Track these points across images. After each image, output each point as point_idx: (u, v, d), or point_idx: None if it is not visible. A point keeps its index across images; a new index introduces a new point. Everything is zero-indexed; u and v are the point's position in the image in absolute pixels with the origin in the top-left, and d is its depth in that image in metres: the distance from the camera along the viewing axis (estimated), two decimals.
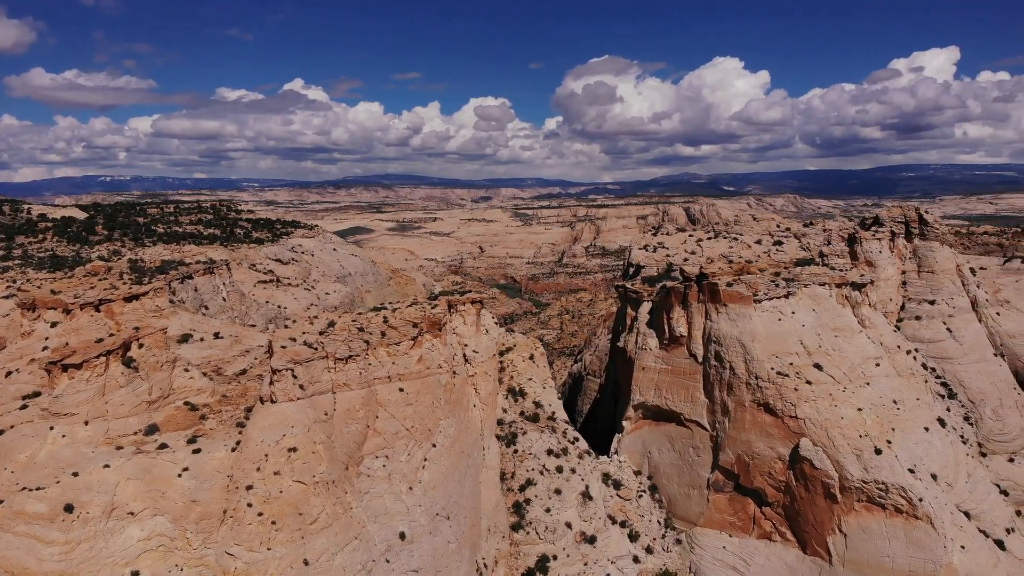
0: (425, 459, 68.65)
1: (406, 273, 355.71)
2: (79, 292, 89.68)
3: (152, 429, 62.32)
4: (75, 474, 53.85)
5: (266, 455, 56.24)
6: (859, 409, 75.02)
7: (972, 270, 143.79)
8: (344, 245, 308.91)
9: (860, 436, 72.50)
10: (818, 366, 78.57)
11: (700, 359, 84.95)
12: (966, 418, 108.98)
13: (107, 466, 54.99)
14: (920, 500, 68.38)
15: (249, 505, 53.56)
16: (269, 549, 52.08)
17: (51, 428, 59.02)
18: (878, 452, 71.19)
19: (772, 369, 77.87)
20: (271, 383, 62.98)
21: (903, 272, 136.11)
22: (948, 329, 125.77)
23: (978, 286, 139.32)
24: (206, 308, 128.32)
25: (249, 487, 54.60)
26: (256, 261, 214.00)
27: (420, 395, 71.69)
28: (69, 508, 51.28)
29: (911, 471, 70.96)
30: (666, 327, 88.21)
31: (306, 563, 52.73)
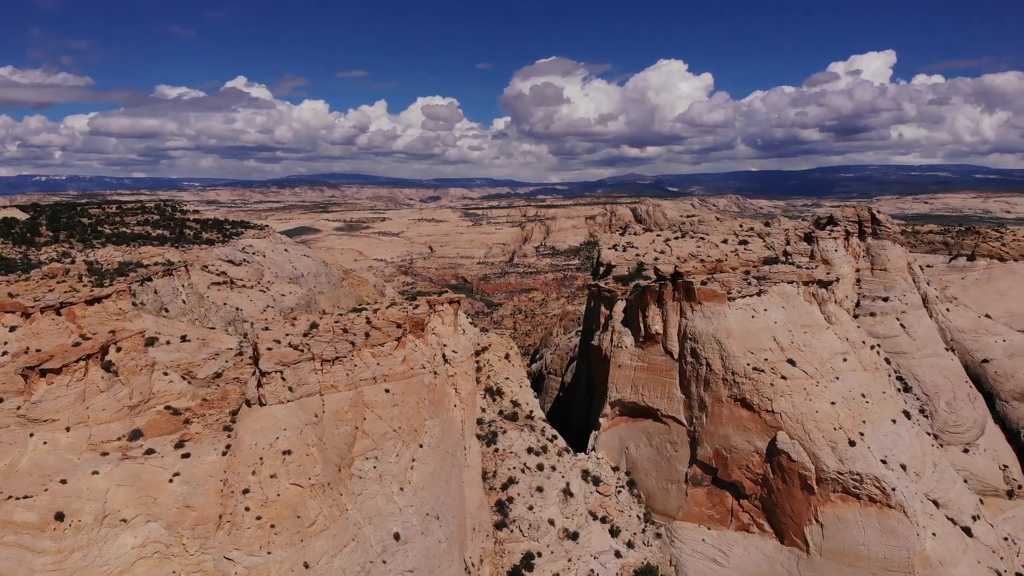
0: (413, 460, 68.49)
1: (357, 274, 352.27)
2: (38, 295, 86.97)
3: (136, 434, 60.85)
4: (63, 481, 52.36)
5: (261, 458, 55.48)
6: (832, 403, 77.41)
7: (921, 267, 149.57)
8: (295, 246, 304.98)
9: (834, 429, 74.83)
10: (791, 362, 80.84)
11: (676, 356, 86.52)
12: (921, 411, 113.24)
13: (96, 473, 53.61)
14: (893, 490, 70.91)
15: (247, 509, 52.78)
16: (269, 553, 51.43)
17: (31, 435, 57.18)
18: (852, 444, 73.60)
19: (748, 365, 79.80)
20: (259, 385, 62.12)
21: (857, 270, 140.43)
22: (902, 325, 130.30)
23: (928, 283, 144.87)
24: (166, 310, 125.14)
25: (245, 491, 53.79)
26: (208, 262, 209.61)
27: (405, 396, 71.47)
28: (60, 516, 49.81)
29: (883, 462, 73.56)
30: (641, 325, 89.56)
31: (307, 566, 52.22)
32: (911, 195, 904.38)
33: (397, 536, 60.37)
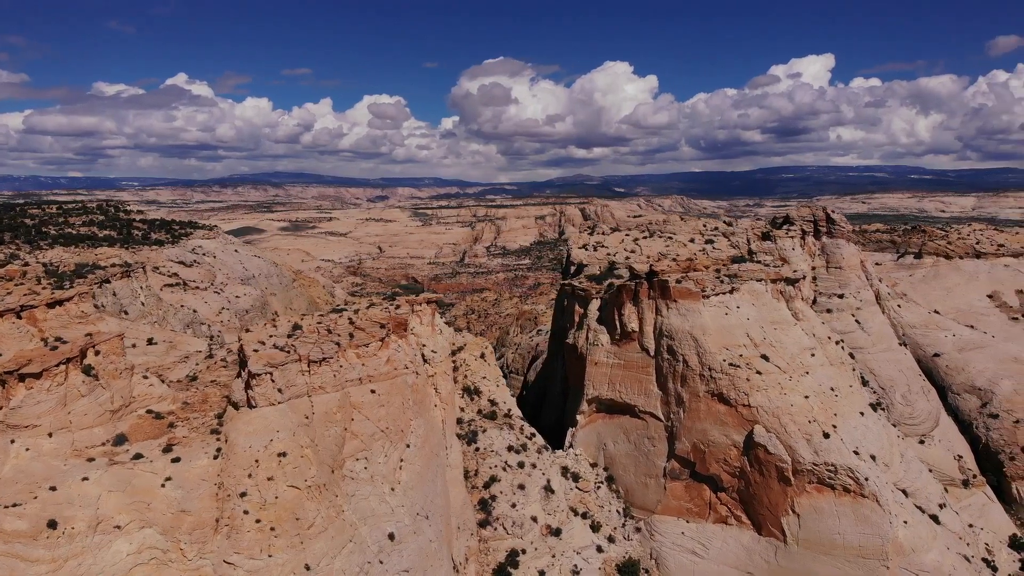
0: (401, 460, 68.27)
1: (307, 275, 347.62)
2: None
3: (121, 439, 59.42)
4: (53, 488, 50.98)
5: (256, 461, 54.75)
6: (806, 397, 79.77)
7: (871, 265, 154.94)
8: (245, 246, 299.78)
9: (809, 422, 77.16)
10: (765, 357, 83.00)
11: (652, 353, 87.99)
12: (878, 404, 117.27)
13: (86, 479, 52.39)
14: (866, 480, 73.46)
15: (245, 512, 52.07)
16: (270, 556, 50.83)
17: (12, 441, 55.39)
18: (826, 436, 75.98)
19: (724, 361, 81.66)
20: (248, 387, 61.25)
21: (813, 268, 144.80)
22: (857, 321, 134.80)
23: (880, 280, 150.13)
24: (125, 313, 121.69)
25: (243, 494, 53.04)
26: (159, 264, 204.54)
27: (391, 396, 71.19)
28: (52, 524, 48.46)
29: (856, 453, 76.11)
30: (617, 323, 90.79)
31: (308, 568, 51.76)
32: (849, 195, 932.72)
33: (392, 536, 60.18)
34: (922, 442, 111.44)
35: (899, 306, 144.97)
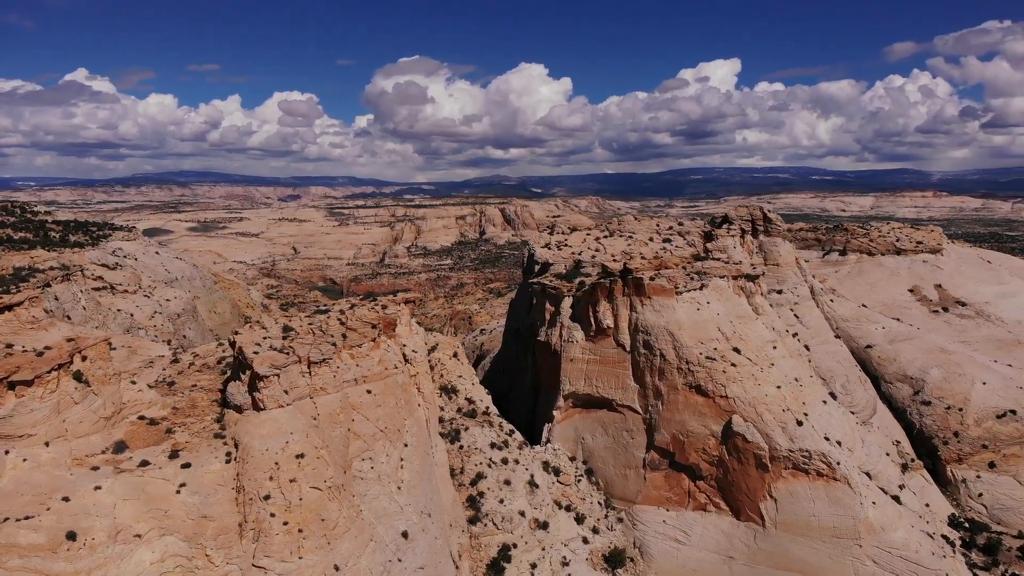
0: (401, 459, 68.46)
1: (223, 277, 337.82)
2: None
3: (121, 447, 57.52)
4: (66, 499, 48.96)
5: (276, 463, 54.04)
6: (778, 387, 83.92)
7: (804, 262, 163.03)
8: (164, 248, 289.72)
9: (783, 410, 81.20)
10: (736, 350, 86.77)
11: (628, 348, 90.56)
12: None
13: (99, 488, 50.49)
14: (838, 464, 77.96)
15: (272, 515, 51.39)
16: (301, 558, 50.39)
17: (6, 452, 52.89)
18: (800, 424, 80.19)
19: (701, 354, 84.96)
20: (255, 390, 60.24)
21: (753, 265, 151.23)
22: (796, 316, 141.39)
23: (813, 276, 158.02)
24: (68, 318, 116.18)
25: (267, 497, 52.32)
26: (83, 266, 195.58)
27: (385, 396, 71.24)
28: (72, 536, 46.65)
29: (826, 439, 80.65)
30: (592, 320, 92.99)
31: (337, 568, 51.58)
32: (755, 195, 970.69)
33: (405, 534, 60.40)
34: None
35: (832, 301, 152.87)
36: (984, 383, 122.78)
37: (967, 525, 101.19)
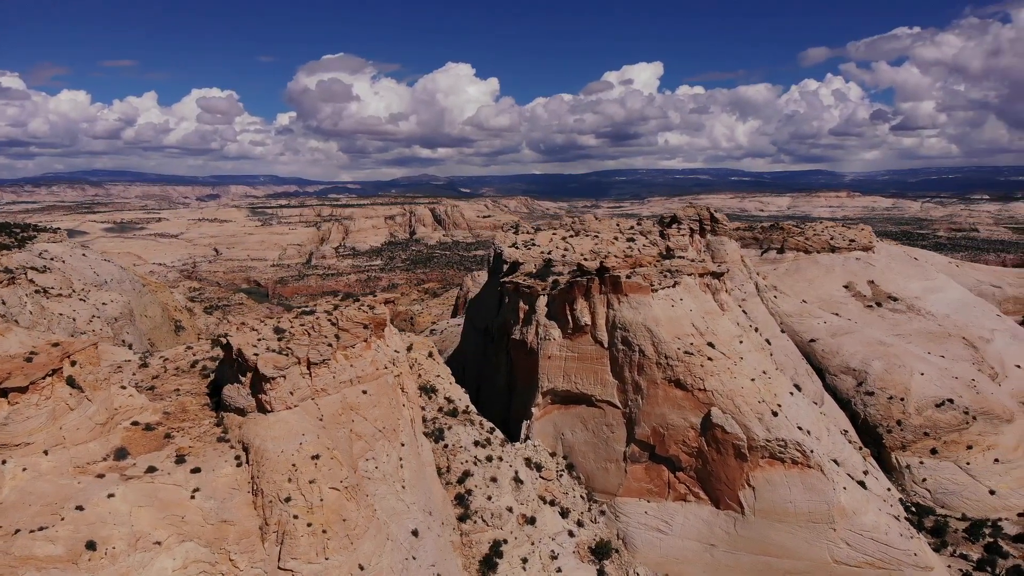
0: (400, 459, 68.51)
1: (151, 280, 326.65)
2: None
3: (122, 453, 56.03)
4: (80, 508, 47.33)
5: (294, 464, 53.49)
6: (752, 379, 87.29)
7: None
8: (92, 251, 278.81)
9: (759, 402, 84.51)
10: (711, 344, 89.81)
11: (606, 344, 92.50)
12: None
13: (112, 496, 48.92)
14: (811, 452, 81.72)
15: (295, 517, 50.90)
16: (327, 559, 50.21)
17: (4, 462, 50.80)
18: (775, 414, 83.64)
19: (679, 349, 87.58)
20: (260, 392, 59.32)
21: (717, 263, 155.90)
22: (744, 312, 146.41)
23: (757, 274, 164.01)
24: (16, 322, 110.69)
25: (287, 499, 51.79)
26: (24, 269, 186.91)
27: (380, 396, 71.24)
28: (91, 545, 45.36)
29: (799, 428, 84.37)
30: (570, 318, 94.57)
31: (361, 568, 51.60)
32: (677, 196, 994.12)
33: (415, 532, 60.58)
34: None
35: (775, 297, 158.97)
36: (922, 374, 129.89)
37: (914, 509, 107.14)
